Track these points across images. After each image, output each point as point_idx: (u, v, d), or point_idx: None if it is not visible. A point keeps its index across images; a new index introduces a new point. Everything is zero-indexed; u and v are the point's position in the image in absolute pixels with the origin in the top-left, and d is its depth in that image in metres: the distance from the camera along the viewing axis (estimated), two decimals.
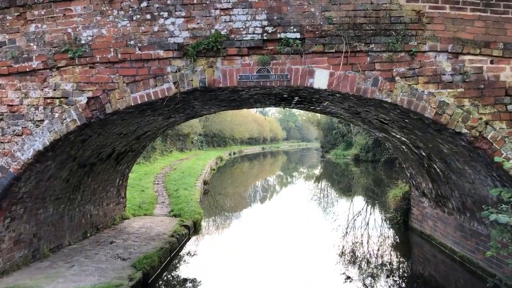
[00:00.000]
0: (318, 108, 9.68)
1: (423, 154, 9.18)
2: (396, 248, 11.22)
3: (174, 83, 6.76)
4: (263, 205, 18.91)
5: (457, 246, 9.16)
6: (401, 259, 10.53)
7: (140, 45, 6.79)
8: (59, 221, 8.72)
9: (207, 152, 45.61)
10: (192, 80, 6.75)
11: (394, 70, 6.55)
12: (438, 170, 9.01)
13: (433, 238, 10.53)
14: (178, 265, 9.45)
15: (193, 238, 11.53)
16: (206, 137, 55.42)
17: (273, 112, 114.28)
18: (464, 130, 6.42)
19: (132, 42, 6.81)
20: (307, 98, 8.17)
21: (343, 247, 11.35)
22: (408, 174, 11.71)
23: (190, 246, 10.84)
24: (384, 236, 12.50)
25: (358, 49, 6.55)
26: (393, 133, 9.40)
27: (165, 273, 8.73)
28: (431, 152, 8.59)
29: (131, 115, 7.62)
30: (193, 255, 10.16)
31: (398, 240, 11.94)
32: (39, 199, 7.80)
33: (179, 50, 6.74)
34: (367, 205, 18.13)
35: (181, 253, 10.08)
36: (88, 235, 10.04)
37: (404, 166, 11.93)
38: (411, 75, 6.53)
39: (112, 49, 6.83)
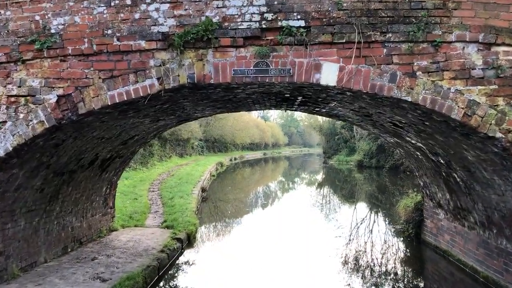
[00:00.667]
0: (324, 110, 8.71)
1: (441, 161, 8.20)
2: (407, 263, 10.27)
3: (158, 78, 5.81)
4: (264, 214, 17.91)
5: (480, 265, 8.14)
6: (413, 275, 9.60)
7: (118, 34, 5.84)
8: (32, 236, 7.74)
9: (208, 158, 44.60)
10: (178, 75, 5.80)
11: (415, 63, 5.59)
12: (458, 179, 8.02)
13: (450, 254, 9.51)
14: (165, 286, 8.45)
15: (186, 253, 10.52)
16: (207, 142, 54.41)
17: (275, 117, 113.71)
18: (498, 134, 5.45)
19: (109, 32, 5.86)
20: (312, 98, 7.21)
21: (349, 259, 10.51)
22: (421, 183, 10.72)
23: (182, 262, 9.83)
24: (394, 249, 11.57)
25: (373, 39, 5.60)
26: (407, 138, 8.42)
27: None
28: (452, 160, 7.61)
29: (111, 117, 6.66)
30: (184, 273, 9.17)
31: (409, 254, 10.98)
32: (6, 212, 6.82)
33: (164, 41, 5.79)
34: (374, 215, 17.16)
35: (170, 271, 9.06)
36: (69, 250, 9.05)
37: (416, 174, 10.93)
38: (435, 70, 5.57)
39: (86, 40, 5.89)
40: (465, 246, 8.81)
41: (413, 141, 8.39)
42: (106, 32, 5.86)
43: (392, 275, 9.32)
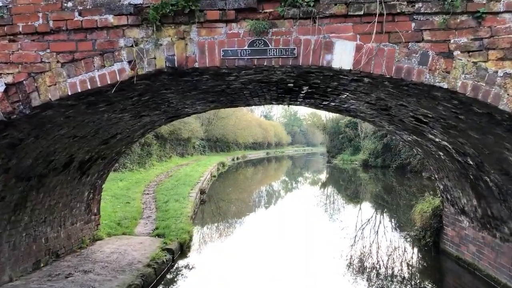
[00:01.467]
0: (333, 104, 7.55)
1: (470, 162, 7.03)
2: (426, 274, 9.20)
3: (129, 62, 4.68)
4: (266, 218, 16.73)
5: None
6: None
7: (81, 8, 4.72)
8: None
9: (209, 157, 43.52)
10: (155, 57, 4.66)
11: (452, 41, 4.44)
12: (491, 184, 6.85)
13: (476, 268, 8.34)
14: None
15: (178, 266, 9.37)
16: (209, 142, 53.42)
17: (278, 116, 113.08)
18: None
19: (69, 4, 4.74)
20: (320, 88, 6.05)
21: (358, 265, 9.68)
22: (441, 187, 9.54)
23: (171, 278, 8.67)
24: (410, 258, 10.43)
25: (398, 11, 4.45)
26: (430, 136, 7.26)
27: None
28: (485, 161, 6.44)
29: (77, 111, 5.52)
30: None
31: (426, 265, 9.83)
32: None
33: (137, 15, 4.66)
34: (382, 217, 16.01)
35: None
36: (42, 265, 7.92)
37: (436, 176, 9.76)
38: (477, 49, 4.41)
39: (41, 15, 4.76)
40: (496, 260, 7.63)
41: (437, 139, 7.22)
42: (65, 5, 4.74)
43: (406, 286, 8.28)
